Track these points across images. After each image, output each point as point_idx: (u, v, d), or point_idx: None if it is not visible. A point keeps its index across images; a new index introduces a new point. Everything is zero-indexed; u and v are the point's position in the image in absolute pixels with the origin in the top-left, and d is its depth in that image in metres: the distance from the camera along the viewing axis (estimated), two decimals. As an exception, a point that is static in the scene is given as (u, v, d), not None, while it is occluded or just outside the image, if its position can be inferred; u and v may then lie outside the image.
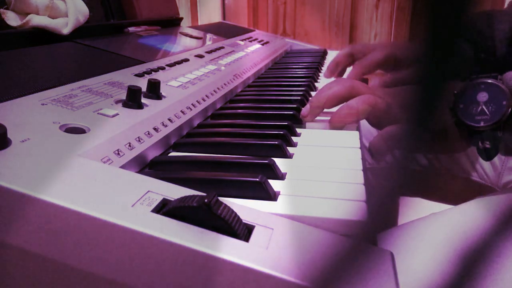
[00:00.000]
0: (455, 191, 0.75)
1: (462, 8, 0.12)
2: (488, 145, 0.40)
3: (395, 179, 0.15)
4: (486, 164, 0.71)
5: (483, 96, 0.40)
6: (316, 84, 0.73)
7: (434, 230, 0.46)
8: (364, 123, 0.50)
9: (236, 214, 0.23)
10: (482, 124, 0.40)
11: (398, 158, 0.15)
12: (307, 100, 0.60)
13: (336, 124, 0.47)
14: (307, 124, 0.49)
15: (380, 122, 0.46)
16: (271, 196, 0.30)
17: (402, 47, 0.61)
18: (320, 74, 0.82)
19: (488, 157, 0.40)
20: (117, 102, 0.40)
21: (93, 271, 0.22)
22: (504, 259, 0.39)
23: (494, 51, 0.57)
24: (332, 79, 0.77)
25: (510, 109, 0.39)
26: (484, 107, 0.40)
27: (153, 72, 0.52)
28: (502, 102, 0.39)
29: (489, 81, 0.40)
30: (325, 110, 0.49)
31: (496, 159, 0.69)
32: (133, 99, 0.40)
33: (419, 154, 0.69)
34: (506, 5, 1.40)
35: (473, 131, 0.41)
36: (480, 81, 0.40)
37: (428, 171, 0.75)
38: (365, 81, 0.76)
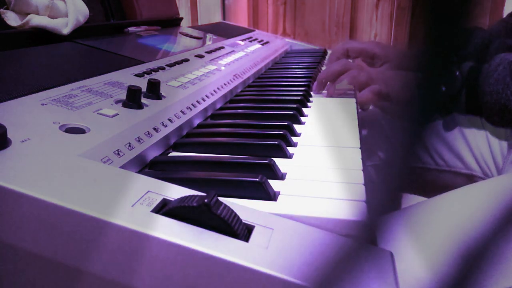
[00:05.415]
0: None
1: (461, 14, 0.12)
2: None
3: (398, 176, 0.15)
4: (490, 160, 0.71)
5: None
6: (316, 84, 0.73)
7: (437, 217, 0.47)
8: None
9: (236, 214, 0.23)
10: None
11: (401, 155, 0.15)
12: (307, 100, 0.61)
13: (330, 91, 0.65)
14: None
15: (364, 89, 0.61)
16: (271, 196, 0.30)
17: (384, 46, 0.74)
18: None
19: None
20: (117, 102, 0.40)
21: (92, 271, 0.22)
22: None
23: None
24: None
25: None
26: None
27: (153, 72, 0.52)
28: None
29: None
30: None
31: (498, 154, 0.70)
32: (133, 99, 0.40)
33: (422, 152, 0.76)
34: (505, 6, 1.40)
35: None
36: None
37: (431, 168, 0.76)
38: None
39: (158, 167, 0.36)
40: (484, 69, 0.48)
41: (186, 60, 0.62)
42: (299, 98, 0.58)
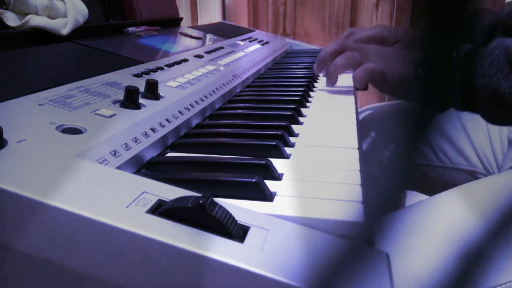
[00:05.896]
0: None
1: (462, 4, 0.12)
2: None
3: (400, 173, 0.15)
4: (491, 156, 0.72)
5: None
6: (315, 84, 0.73)
7: (437, 216, 0.47)
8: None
9: (231, 214, 0.23)
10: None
11: (402, 153, 0.15)
12: (306, 100, 0.61)
13: (330, 78, 0.66)
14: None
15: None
16: (267, 197, 0.30)
17: (391, 28, 0.75)
18: (319, 74, 0.82)
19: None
20: (114, 102, 0.40)
21: (86, 272, 0.22)
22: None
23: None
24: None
25: None
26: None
27: (151, 73, 0.52)
28: None
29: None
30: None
31: (499, 151, 0.70)
32: (130, 100, 0.40)
33: (426, 149, 0.77)
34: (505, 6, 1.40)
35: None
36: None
37: (435, 166, 0.76)
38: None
39: (155, 168, 0.36)
40: (481, 52, 0.48)
41: (185, 60, 0.62)
42: (297, 98, 0.58)
